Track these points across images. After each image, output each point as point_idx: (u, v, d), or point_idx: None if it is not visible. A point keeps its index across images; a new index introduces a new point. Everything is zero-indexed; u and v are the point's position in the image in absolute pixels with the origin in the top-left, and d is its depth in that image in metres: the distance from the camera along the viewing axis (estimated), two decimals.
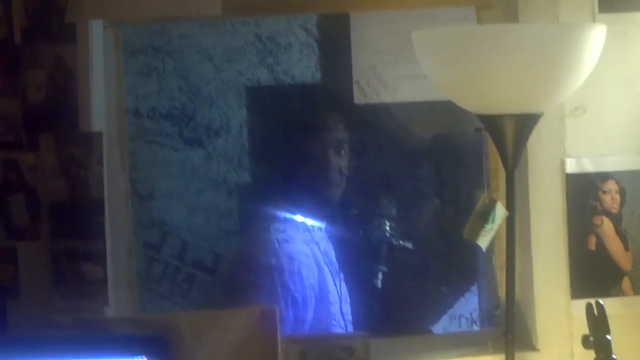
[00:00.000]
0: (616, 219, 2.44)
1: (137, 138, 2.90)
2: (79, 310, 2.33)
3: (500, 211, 2.20)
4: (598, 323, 2.15)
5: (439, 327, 2.88)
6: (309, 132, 2.74)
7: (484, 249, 2.23)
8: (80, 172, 2.39)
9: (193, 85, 2.95)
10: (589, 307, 2.18)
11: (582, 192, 2.43)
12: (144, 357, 1.98)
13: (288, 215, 2.70)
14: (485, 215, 2.20)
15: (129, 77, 2.82)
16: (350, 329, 2.72)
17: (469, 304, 2.87)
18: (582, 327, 2.21)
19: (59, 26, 2.38)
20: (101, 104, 2.48)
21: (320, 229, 2.74)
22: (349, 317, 2.73)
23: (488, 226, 2.19)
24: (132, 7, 2.35)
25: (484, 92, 2.02)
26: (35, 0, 2.38)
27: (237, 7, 2.47)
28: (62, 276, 2.37)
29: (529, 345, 2.45)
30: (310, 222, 2.71)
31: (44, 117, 2.39)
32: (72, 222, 2.38)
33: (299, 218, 2.70)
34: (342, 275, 2.74)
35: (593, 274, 2.43)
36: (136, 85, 2.90)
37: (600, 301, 2.17)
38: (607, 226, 2.44)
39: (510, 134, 2.06)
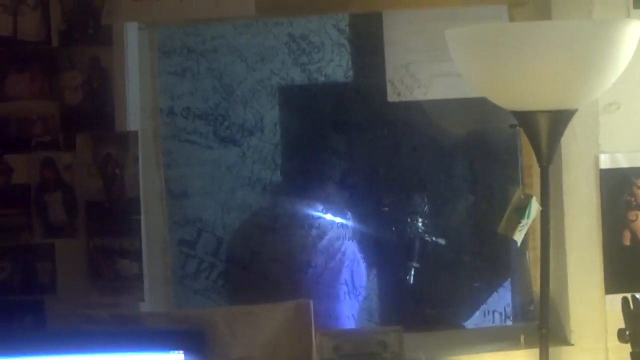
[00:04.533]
0: None
1: (172, 137, 2.92)
2: (115, 306, 2.37)
3: (535, 206, 2.20)
4: (634, 317, 2.14)
5: (472, 323, 2.87)
6: (342, 130, 2.76)
7: (518, 244, 2.23)
8: (116, 171, 2.42)
9: (227, 85, 2.97)
10: (625, 301, 2.18)
11: (617, 187, 2.43)
12: (180, 351, 1.99)
13: (321, 212, 2.71)
14: (521, 210, 2.20)
15: (164, 78, 2.84)
16: (384, 324, 2.73)
17: (502, 299, 2.86)
18: (616, 322, 2.20)
19: (95, 28, 2.42)
20: (136, 104, 2.52)
21: (353, 225, 2.75)
22: (382, 312, 2.74)
23: (523, 221, 2.19)
24: (166, 9, 2.38)
25: (518, 89, 2.02)
26: (72, 3, 2.42)
27: (270, 7, 2.49)
28: (99, 273, 2.41)
29: (563, 339, 2.45)
30: (343, 218, 2.73)
31: (81, 117, 2.43)
32: (109, 219, 2.41)
33: (332, 215, 2.71)
34: (375, 271, 2.75)
35: (627, 269, 2.42)
36: (170, 85, 2.92)
37: (637, 295, 2.17)
38: None
39: (545, 130, 2.06)
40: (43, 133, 2.43)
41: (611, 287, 2.41)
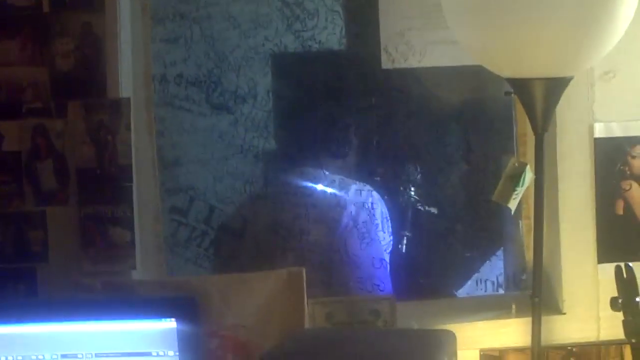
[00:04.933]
0: None
1: (164, 104, 2.91)
2: (107, 274, 2.35)
3: (529, 174, 2.20)
4: (627, 285, 2.14)
5: (464, 292, 2.88)
6: (335, 97, 2.75)
7: (512, 212, 2.23)
8: (108, 138, 2.40)
9: (220, 52, 2.96)
10: (618, 269, 2.18)
11: (611, 156, 2.41)
12: (172, 319, 1.99)
13: (315, 181, 2.71)
14: (516, 178, 2.19)
15: (156, 44, 2.82)
16: (377, 292, 2.73)
17: (494, 268, 2.87)
18: (608, 291, 2.20)
19: None
20: (129, 71, 2.49)
21: (346, 193, 2.75)
22: (375, 280, 2.74)
23: (518, 189, 2.19)
24: None
25: (514, 56, 2.00)
26: None
27: None
28: (91, 240, 2.39)
29: (555, 308, 2.44)
30: (337, 186, 2.72)
31: (72, 84, 2.40)
32: (100, 187, 2.39)
33: (325, 183, 2.71)
34: (369, 239, 2.75)
35: (620, 238, 2.41)
36: (163, 52, 2.90)
37: (630, 263, 2.17)
38: (635, 190, 2.42)
39: (540, 97, 2.05)
40: (34, 100, 2.40)
41: (604, 256, 2.40)
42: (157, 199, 2.58)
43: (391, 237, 2.77)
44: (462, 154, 2.94)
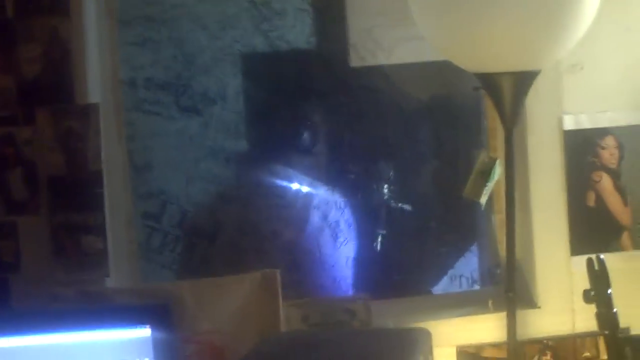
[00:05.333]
0: (615, 175, 2.43)
1: (134, 109, 2.90)
2: (80, 282, 2.33)
3: (499, 169, 2.21)
4: (599, 277, 2.15)
5: (439, 288, 2.88)
6: (305, 96, 2.74)
7: (482, 207, 2.24)
8: (78, 145, 2.38)
9: (188, 54, 2.94)
10: (589, 261, 2.18)
11: (581, 148, 2.43)
12: (147, 326, 1.98)
13: (286, 181, 2.70)
14: (486, 173, 2.20)
15: (124, 48, 2.80)
16: (351, 292, 2.73)
17: (469, 264, 2.87)
18: (582, 284, 2.21)
19: None
20: (97, 76, 2.46)
21: (318, 193, 2.75)
22: (349, 280, 2.74)
23: (489, 184, 2.20)
24: None
25: (481, 50, 2.01)
26: None
27: None
28: (63, 249, 2.37)
29: (530, 302, 2.45)
30: (308, 186, 2.72)
31: (40, 90, 2.38)
32: (71, 195, 2.37)
33: (297, 183, 2.70)
34: (341, 239, 2.75)
35: (592, 229, 2.43)
36: (131, 55, 2.88)
37: (601, 256, 2.18)
38: (606, 182, 2.43)
39: (508, 92, 2.05)
40: (1, 107, 2.38)
41: (577, 248, 2.41)
42: (129, 205, 2.56)
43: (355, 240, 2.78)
44: (433, 150, 2.94)
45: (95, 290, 2.31)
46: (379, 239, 2.79)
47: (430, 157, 2.93)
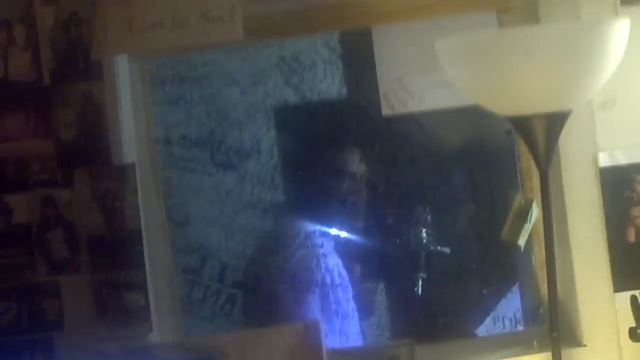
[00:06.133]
0: None
1: (169, 166, 2.92)
2: (124, 338, 2.37)
3: (536, 210, 2.20)
4: None
5: (483, 330, 2.86)
6: (338, 147, 2.75)
7: (522, 249, 2.23)
8: (115, 204, 2.42)
9: (221, 110, 2.97)
10: (633, 299, 2.17)
11: (617, 184, 2.42)
12: None
13: (324, 230, 2.71)
14: (524, 214, 2.20)
15: (157, 107, 2.83)
16: (395, 337, 2.72)
17: (511, 305, 2.84)
18: (627, 320, 2.20)
19: (86, 64, 2.43)
20: (131, 136, 2.52)
21: (356, 241, 2.75)
22: (392, 326, 2.73)
23: (526, 226, 2.19)
24: (155, 40, 2.38)
25: (511, 95, 2.01)
26: (62, 41, 2.43)
27: (258, 30, 2.49)
28: (106, 306, 2.40)
29: (575, 341, 2.44)
30: (347, 234, 2.72)
31: (77, 152, 2.44)
32: (112, 253, 2.41)
33: (335, 232, 2.71)
34: (383, 285, 2.74)
35: (634, 265, 2.41)
36: (165, 114, 2.91)
37: None
38: None
39: (541, 133, 2.05)
40: (40, 171, 2.44)
41: (619, 284, 2.40)
42: (169, 261, 2.58)
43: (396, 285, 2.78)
44: (469, 194, 2.93)
45: (139, 345, 2.32)
46: (420, 283, 2.77)
47: (467, 200, 2.92)
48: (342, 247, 2.71)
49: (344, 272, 2.67)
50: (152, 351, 2.27)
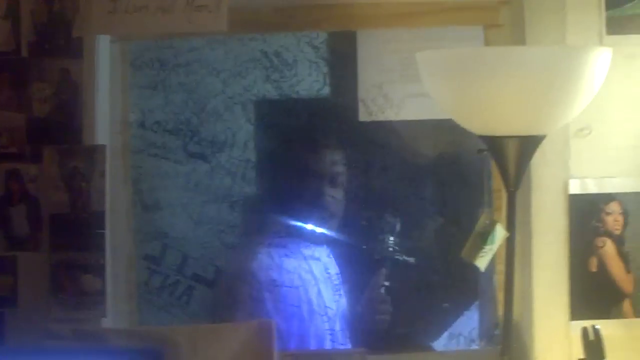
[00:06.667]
0: (619, 241, 2.42)
1: (141, 151, 2.90)
2: (76, 321, 2.35)
3: (500, 232, 2.18)
4: (594, 347, 2.14)
5: (438, 345, 2.85)
6: (313, 148, 2.74)
7: (482, 270, 2.21)
8: (82, 185, 2.40)
9: (199, 100, 2.95)
10: (584, 331, 2.18)
11: (585, 213, 2.42)
12: None
13: (290, 230, 2.69)
14: (485, 235, 2.18)
15: (135, 91, 2.82)
16: (349, 344, 2.70)
17: (468, 323, 2.84)
18: (580, 349, 2.20)
19: (66, 40, 2.41)
20: (106, 118, 2.50)
21: (322, 244, 2.74)
22: (348, 332, 2.72)
23: (487, 247, 2.18)
24: (138, 24, 2.36)
25: (487, 114, 2.02)
26: (43, 14, 2.41)
27: (243, 23, 2.48)
28: (61, 287, 2.38)
29: None
30: (312, 237, 2.71)
31: (49, 129, 2.42)
32: (73, 233, 2.39)
33: (300, 233, 2.70)
34: (342, 290, 2.73)
35: (593, 295, 2.41)
36: (142, 98, 2.89)
37: (597, 325, 2.16)
38: (609, 248, 2.42)
39: (513, 155, 2.06)
40: (9, 144, 2.41)
41: (577, 313, 2.40)
42: (130, 247, 2.57)
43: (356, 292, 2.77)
44: (437, 207, 2.93)
45: (91, 330, 2.31)
46: (382, 291, 2.76)
47: (435, 213, 2.92)
48: (306, 248, 2.70)
49: (306, 275, 2.66)
50: (104, 337, 2.25)
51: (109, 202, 2.42)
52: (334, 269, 2.74)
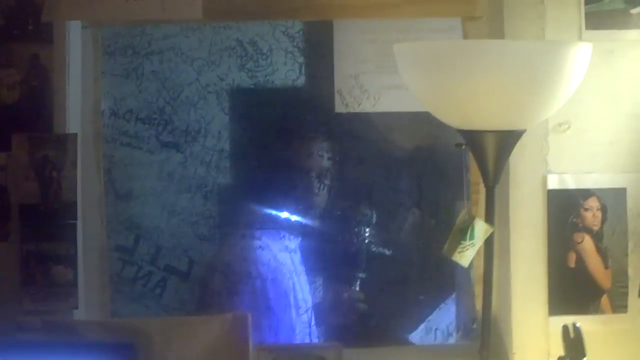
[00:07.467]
0: (597, 237, 2.42)
1: (113, 140, 2.86)
2: (48, 312, 2.31)
3: (480, 227, 2.15)
4: (574, 345, 2.13)
5: (414, 338, 2.84)
6: (288, 139, 2.72)
7: (465, 266, 2.19)
8: (53, 174, 2.36)
9: (172, 88, 2.91)
10: (565, 329, 2.17)
11: (564, 208, 2.41)
12: None
13: (265, 222, 2.67)
14: (464, 231, 2.16)
15: (107, 78, 2.77)
16: (324, 338, 2.69)
17: (445, 316, 2.83)
18: (558, 344, 2.19)
19: (35, 25, 2.36)
20: (77, 105, 2.46)
21: (297, 236, 2.72)
22: (323, 326, 2.71)
23: (466, 242, 2.15)
24: (110, 9, 2.33)
25: (466, 108, 1.99)
26: None
27: (218, 11, 2.44)
28: (32, 278, 2.34)
29: None
30: (287, 229, 2.69)
31: (18, 116, 2.36)
32: (44, 223, 2.35)
33: (275, 225, 2.68)
34: (318, 283, 2.72)
35: (572, 291, 2.41)
36: (114, 86, 2.85)
37: (577, 323, 2.16)
38: (587, 243, 2.42)
39: (492, 150, 2.03)
40: None
41: (555, 309, 2.39)
42: (102, 238, 2.53)
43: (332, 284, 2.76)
44: (414, 200, 2.92)
45: (62, 322, 2.28)
46: (358, 283, 2.75)
47: (412, 205, 2.90)
48: (281, 240, 2.68)
49: (281, 267, 2.65)
50: (75, 328, 2.23)
51: (80, 192, 2.39)
52: (309, 260, 2.72)
